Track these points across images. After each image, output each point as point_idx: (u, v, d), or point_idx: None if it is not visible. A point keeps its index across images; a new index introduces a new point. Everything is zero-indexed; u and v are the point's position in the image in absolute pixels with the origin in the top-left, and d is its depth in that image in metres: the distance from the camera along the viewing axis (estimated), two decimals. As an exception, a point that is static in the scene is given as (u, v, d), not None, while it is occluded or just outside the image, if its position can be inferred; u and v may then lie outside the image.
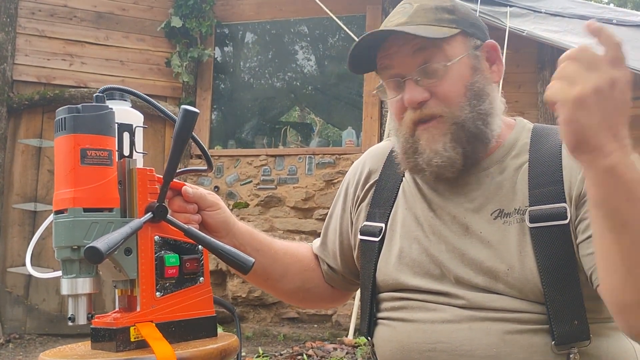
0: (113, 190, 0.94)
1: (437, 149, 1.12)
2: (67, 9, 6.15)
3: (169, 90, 6.33)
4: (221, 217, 1.19)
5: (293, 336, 5.49)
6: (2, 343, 5.40)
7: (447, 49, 1.12)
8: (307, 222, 5.92)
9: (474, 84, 1.14)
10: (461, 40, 1.15)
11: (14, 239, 5.86)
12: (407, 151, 1.16)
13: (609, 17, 5.38)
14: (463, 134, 1.12)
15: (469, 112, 1.12)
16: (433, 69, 1.12)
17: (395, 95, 1.17)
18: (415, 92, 1.12)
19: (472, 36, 1.17)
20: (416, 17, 1.13)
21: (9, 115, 5.91)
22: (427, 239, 1.17)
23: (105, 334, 0.93)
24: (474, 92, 1.13)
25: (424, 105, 1.12)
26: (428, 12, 1.14)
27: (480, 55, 1.17)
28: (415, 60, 1.12)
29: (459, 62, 1.13)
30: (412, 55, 1.12)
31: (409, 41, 1.12)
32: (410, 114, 1.14)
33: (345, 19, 5.92)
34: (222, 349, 0.95)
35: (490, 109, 1.15)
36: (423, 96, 1.12)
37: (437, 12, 1.14)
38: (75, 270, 0.92)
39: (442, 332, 1.09)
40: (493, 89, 1.17)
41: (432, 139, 1.12)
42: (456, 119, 1.12)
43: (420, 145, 1.14)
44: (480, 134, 1.13)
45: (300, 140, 7.30)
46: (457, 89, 1.12)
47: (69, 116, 0.91)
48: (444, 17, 1.14)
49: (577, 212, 1.06)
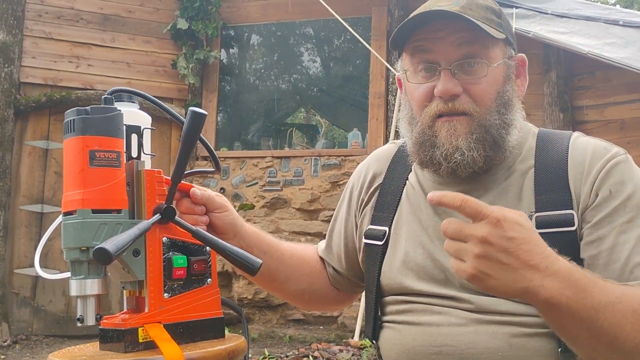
0: (121, 191, 0.94)
1: (460, 145, 1.10)
2: (74, 11, 6.18)
3: (175, 92, 6.35)
4: (229, 219, 1.19)
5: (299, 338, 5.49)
6: (9, 344, 5.41)
7: (490, 51, 1.11)
8: (312, 223, 5.92)
9: (505, 93, 1.13)
10: (502, 47, 1.14)
11: (21, 240, 5.88)
12: (424, 143, 1.13)
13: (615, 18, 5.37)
14: (488, 138, 1.11)
15: (496, 119, 1.11)
16: (475, 67, 1.10)
17: (421, 81, 1.14)
18: (450, 84, 1.09)
19: (510, 46, 1.16)
20: (468, 10, 1.09)
21: (16, 117, 5.93)
22: (431, 244, 1.16)
23: (114, 334, 0.94)
24: (503, 100, 1.13)
25: (456, 99, 1.10)
26: (480, 8, 1.11)
27: (513, 66, 1.17)
28: (459, 52, 1.10)
29: (497, 67, 1.12)
30: (457, 46, 1.10)
31: (457, 31, 1.09)
32: (439, 105, 1.11)
33: (351, 20, 5.92)
34: (230, 350, 0.95)
35: (513, 120, 1.14)
36: (457, 90, 1.10)
37: (488, 11, 1.12)
38: (84, 271, 0.92)
39: (447, 336, 1.09)
40: (518, 102, 1.17)
41: (454, 134, 1.10)
42: (484, 121, 1.11)
43: (439, 139, 1.11)
44: (502, 142, 1.12)
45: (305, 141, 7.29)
46: (490, 93, 1.11)
47: (77, 118, 0.92)
48: (493, 18, 1.12)
49: (582, 223, 1.07)
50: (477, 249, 0.87)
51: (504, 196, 1.13)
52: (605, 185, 1.07)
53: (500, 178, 1.15)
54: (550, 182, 1.10)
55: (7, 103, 5.85)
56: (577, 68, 5.55)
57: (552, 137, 1.18)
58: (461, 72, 1.10)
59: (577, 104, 5.57)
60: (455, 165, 1.10)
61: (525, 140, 1.18)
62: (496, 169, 1.16)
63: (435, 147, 1.12)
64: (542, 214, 1.08)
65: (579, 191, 1.08)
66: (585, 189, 1.08)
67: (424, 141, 1.13)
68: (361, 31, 6.02)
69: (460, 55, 1.10)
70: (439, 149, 1.11)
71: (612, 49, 4.97)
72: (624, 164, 1.09)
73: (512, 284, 0.87)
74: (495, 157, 1.13)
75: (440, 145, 1.11)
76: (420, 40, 1.12)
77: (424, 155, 1.14)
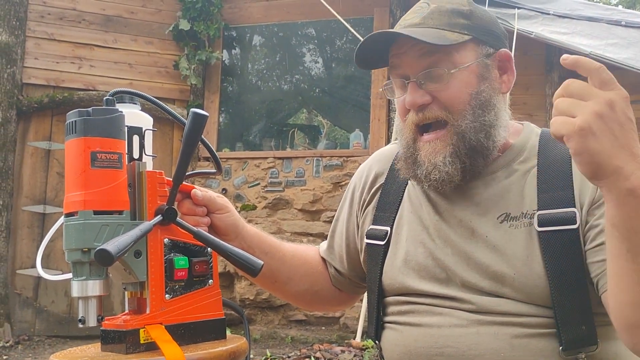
0: (123, 193, 0.94)
1: (437, 162, 1.11)
2: (76, 12, 6.19)
3: (176, 93, 6.35)
4: (230, 220, 1.19)
5: (301, 338, 5.49)
6: (12, 345, 5.42)
7: (455, 56, 1.12)
8: (314, 224, 5.93)
9: (480, 93, 1.13)
10: (472, 48, 1.14)
11: (23, 241, 5.89)
12: (407, 159, 1.16)
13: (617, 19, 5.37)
14: (463, 147, 1.11)
15: (471, 122, 1.11)
16: (437, 74, 1.11)
17: (400, 95, 1.17)
18: (416, 95, 1.12)
19: (485, 44, 1.15)
20: (429, 20, 1.12)
21: (18, 118, 5.95)
22: (433, 243, 1.16)
23: (115, 336, 0.94)
24: (479, 101, 1.12)
25: (426, 108, 1.12)
26: (443, 15, 1.13)
27: (491, 64, 1.16)
28: (421, 63, 1.12)
29: (466, 70, 1.12)
30: (419, 58, 1.12)
31: (417, 44, 1.11)
32: (412, 116, 1.14)
33: (353, 21, 5.92)
34: (231, 351, 0.95)
35: (495, 121, 1.13)
36: (423, 99, 1.12)
37: (452, 16, 1.13)
38: (86, 272, 0.92)
39: (449, 337, 1.09)
40: (500, 99, 1.16)
41: (433, 152, 1.12)
42: (458, 128, 1.11)
43: (420, 157, 1.13)
44: (480, 147, 1.12)
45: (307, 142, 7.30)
46: (460, 97, 1.11)
47: (79, 119, 0.92)
48: (458, 22, 1.13)
49: (587, 218, 1.06)
50: (599, 107, 0.83)
51: (505, 195, 1.13)
52: None
53: (500, 177, 1.15)
54: (554, 181, 1.10)
55: (9, 104, 5.86)
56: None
57: None
58: (428, 82, 1.12)
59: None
60: (436, 182, 1.12)
61: (528, 139, 1.18)
62: (496, 168, 1.16)
63: (417, 165, 1.14)
64: (544, 212, 1.08)
65: (584, 189, 1.07)
66: (591, 186, 1.07)
67: (407, 157, 1.16)
68: (363, 32, 6.02)
69: (423, 66, 1.12)
70: (419, 168, 1.13)
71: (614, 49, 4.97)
72: None
73: (610, 156, 0.83)
74: (477, 164, 1.13)
75: (421, 163, 1.13)
76: (392, 57, 1.16)
77: (408, 171, 1.17)
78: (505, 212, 1.12)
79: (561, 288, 1.04)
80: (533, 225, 1.08)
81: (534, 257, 1.07)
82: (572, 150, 0.84)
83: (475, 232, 1.12)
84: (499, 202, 1.13)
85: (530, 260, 1.07)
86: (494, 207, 1.13)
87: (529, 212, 1.10)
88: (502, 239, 1.10)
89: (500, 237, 1.10)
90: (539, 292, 1.05)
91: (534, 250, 1.07)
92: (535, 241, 1.08)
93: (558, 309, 1.04)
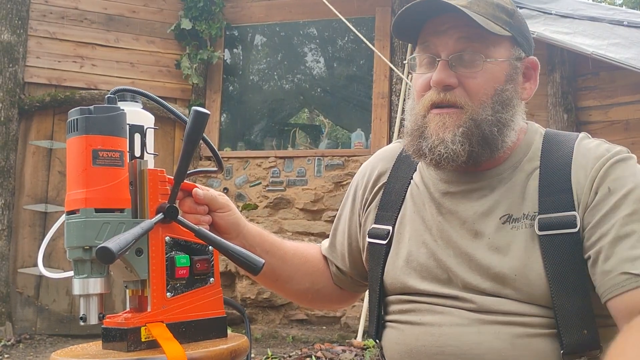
0: (124, 191, 0.94)
1: (445, 138, 1.10)
2: (78, 11, 6.19)
3: (178, 92, 6.35)
4: (231, 219, 1.19)
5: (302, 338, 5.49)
6: (13, 343, 5.43)
7: (491, 49, 1.11)
8: (316, 224, 5.92)
9: (504, 91, 1.12)
10: (507, 46, 1.14)
11: (25, 239, 5.89)
12: (414, 132, 1.14)
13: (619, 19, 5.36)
14: (477, 133, 1.10)
15: (489, 115, 1.11)
16: (470, 59, 1.10)
17: (424, 72, 1.15)
18: (444, 74, 1.10)
19: (519, 46, 1.15)
20: (475, 5, 1.10)
21: (20, 117, 5.95)
22: (435, 243, 1.16)
23: (117, 334, 0.94)
24: (501, 98, 1.12)
25: (450, 90, 1.11)
26: (489, 5, 1.12)
27: (519, 68, 1.16)
28: (458, 46, 1.11)
29: (498, 64, 1.12)
30: (457, 40, 1.11)
31: (459, 25, 1.10)
32: (432, 95, 1.12)
33: (355, 21, 5.91)
34: (232, 350, 0.95)
35: (510, 121, 1.13)
36: (451, 80, 1.10)
37: (497, 9, 1.12)
38: (87, 270, 0.92)
39: (450, 336, 1.09)
40: (519, 104, 1.16)
41: (442, 126, 1.10)
42: (476, 115, 1.10)
43: (428, 130, 1.12)
44: (491, 139, 1.11)
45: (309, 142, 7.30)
46: (486, 88, 1.11)
47: (81, 117, 0.92)
48: (501, 16, 1.12)
49: (584, 221, 1.06)
50: None
51: (508, 196, 1.13)
52: (604, 183, 1.06)
53: (506, 177, 1.15)
54: (554, 184, 1.10)
55: (11, 103, 5.86)
56: (581, 69, 5.53)
57: (559, 139, 1.17)
58: (459, 65, 1.11)
59: (581, 105, 5.56)
60: (439, 157, 1.10)
61: (532, 140, 1.18)
62: (503, 170, 1.16)
63: (423, 138, 1.12)
64: (545, 216, 1.08)
65: (581, 192, 1.08)
66: (585, 189, 1.07)
67: (414, 130, 1.14)
68: (365, 31, 6.02)
69: (459, 48, 1.11)
70: (426, 140, 1.12)
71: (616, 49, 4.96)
72: (624, 162, 1.09)
73: None
74: (482, 154, 1.12)
75: (429, 136, 1.12)
76: (427, 34, 1.14)
77: (412, 145, 1.15)
78: (508, 213, 1.11)
79: (562, 291, 1.04)
80: (534, 228, 1.08)
81: (534, 259, 1.07)
82: None
83: (478, 233, 1.12)
84: (502, 203, 1.13)
85: (531, 262, 1.07)
86: (498, 208, 1.13)
87: (530, 213, 1.10)
88: (504, 240, 1.10)
89: (503, 238, 1.10)
90: (541, 294, 1.05)
91: (534, 253, 1.07)
92: (536, 244, 1.07)
93: (559, 312, 1.04)
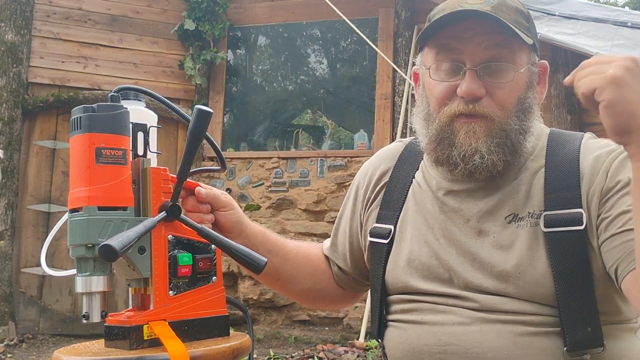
0: (127, 189, 0.94)
1: (480, 148, 1.08)
2: (82, 12, 6.21)
3: (181, 93, 6.36)
4: (234, 218, 1.19)
5: (304, 339, 5.48)
6: (16, 343, 5.44)
7: (516, 56, 1.10)
8: (318, 224, 5.92)
9: (526, 99, 1.12)
10: (527, 52, 1.13)
11: (28, 239, 5.90)
12: (442, 141, 1.12)
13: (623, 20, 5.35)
14: (508, 143, 1.10)
15: (515, 124, 1.10)
16: (501, 69, 1.09)
17: (445, 78, 1.12)
18: (475, 85, 1.08)
19: (536, 51, 1.15)
20: (500, 11, 1.07)
21: (23, 117, 5.96)
22: (437, 242, 1.16)
23: (119, 332, 0.94)
24: (524, 106, 1.12)
25: (478, 101, 1.09)
26: (510, 10, 1.09)
27: (536, 73, 1.15)
28: (486, 53, 1.08)
29: (522, 73, 1.11)
30: (485, 48, 1.08)
31: (486, 32, 1.08)
32: (460, 105, 1.10)
33: (358, 21, 5.92)
34: (234, 348, 0.95)
35: (531, 127, 1.13)
36: (480, 92, 1.08)
37: (517, 14, 1.11)
38: (90, 268, 0.92)
39: (452, 334, 1.09)
40: (537, 109, 1.16)
41: (473, 136, 1.09)
42: (505, 125, 1.09)
43: (458, 139, 1.10)
44: (519, 148, 1.11)
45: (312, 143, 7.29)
46: (512, 97, 1.10)
47: (84, 115, 0.92)
48: (522, 22, 1.10)
49: (598, 211, 1.05)
50: (624, 63, 0.87)
51: (513, 195, 1.13)
52: (616, 178, 1.05)
53: (510, 177, 1.15)
54: (561, 181, 1.10)
55: (15, 103, 5.88)
56: (584, 70, 5.51)
57: (564, 138, 1.17)
58: (486, 75, 1.09)
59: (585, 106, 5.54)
60: (474, 167, 1.09)
61: (537, 140, 1.18)
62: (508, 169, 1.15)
63: (453, 147, 1.10)
64: (551, 213, 1.08)
65: (591, 189, 1.07)
66: (598, 181, 1.06)
67: (442, 139, 1.12)
68: (368, 32, 6.02)
69: (487, 57, 1.08)
70: (456, 149, 1.10)
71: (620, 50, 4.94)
72: None
73: None
74: (513, 162, 1.12)
75: (459, 145, 1.10)
76: (448, 38, 1.11)
77: (442, 153, 1.12)
78: (513, 213, 1.11)
79: (567, 289, 1.04)
80: (539, 226, 1.08)
81: (539, 257, 1.06)
82: (605, 102, 0.87)
83: (482, 232, 1.12)
84: (507, 202, 1.13)
85: (536, 260, 1.06)
86: (504, 207, 1.12)
87: (535, 212, 1.10)
88: (509, 238, 1.10)
89: (508, 237, 1.10)
90: (544, 292, 1.05)
91: (539, 250, 1.07)
92: (540, 241, 1.07)
93: (563, 309, 1.03)
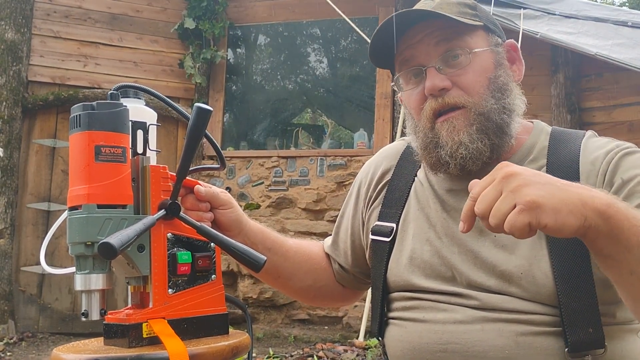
0: (127, 187, 0.94)
1: (462, 139, 1.10)
2: (82, 10, 6.21)
3: (181, 92, 6.36)
4: (233, 216, 1.19)
5: (303, 337, 5.48)
6: (15, 341, 5.44)
7: (469, 41, 1.13)
8: (318, 223, 5.92)
9: (497, 78, 1.14)
10: (483, 36, 1.16)
11: (28, 238, 5.90)
12: (428, 146, 1.15)
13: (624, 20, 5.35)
14: (490, 125, 1.11)
15: (493, 104, 1.12)
16: (457, 58, 1.12)
17: (414, 87, 1.16)
18: (437, 79, 1.11)
19: (493, 33, 1.18)
20: (439, 9, 1.12)
21: (23, 115, 5.96)
22: (439, 241, 1.16)
23: (118, 330, 0.94)
24: (497, 85, 1.13)
25: (446, 94, 1.12)
26: (452, 5, 1.14)
27: (502, 53, 1.18)
28: (438, 50, 1.13)
29: (482, 54, 1.14)
30: (435, 45, 1.13)
31: (433, 31, 1.12)
32: (431, 103, 1.13)
33: (358, 21, 5.92)
34: (233, 346, 0.95)
35: (513, 105, 1.14)
36: (444, 83, 1.11)
37: (460, 6, 1.15)
38: (89, 266, 0.92)
39: (453, 333, 1.09)
40: (515, 86, 1.17)
41: (453, 130, 1.11)
42: (481, 108, 1.11)
43: (441, 138, 1.12)
44: (506, 127, 1.12)
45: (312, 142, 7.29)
46: (479, 80, 1.12)
47: (83, 113, 0.92)
48: (467, 11, 1.15)
49: None
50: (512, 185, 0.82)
51: None
52: (616, 176, 1.06)
53: None
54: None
55: (15, 101, 5.87)
56: (584, 69, 5.52)
57: (565, 136, 1.17)
58: (446, 67, 1.12)
59: (585, 106, 5.55)
60: (463, 160, 1.10)
61: (538, 139, 1.18)
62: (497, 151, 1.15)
63: (440, 147, 1.12)
64: None
65: (591, 179, 1.07)
66: (597, 183, 1.07)
67: (428, 143, 1.14)
68: (368, 31, 6.02)
69: (440, 52, 1.12)
70: (443, 149, 1.12)
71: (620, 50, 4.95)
72: (633, 154, 1.08)
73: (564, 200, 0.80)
74: (502, 144, 1.13)
75: (444, 144, 1.12)
76: (404, 51, 1.15)
77: (430, 158, 1.15)
78: None
79: (568, 289, 1.03)
80: None
81: (541, 256, 1.06)
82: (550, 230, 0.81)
83: (483, 231, 1.12)
84: None
85: (538, 260, 1.06)
86: None
87: None
88: (510, 238, 1.09)
89: (509, 236, 1.09)
90: (546, 292, 1.05)
91: (541, 250, 1.07)
92: (543, 241, 1.07)
93: (564, 310, 1.03)
